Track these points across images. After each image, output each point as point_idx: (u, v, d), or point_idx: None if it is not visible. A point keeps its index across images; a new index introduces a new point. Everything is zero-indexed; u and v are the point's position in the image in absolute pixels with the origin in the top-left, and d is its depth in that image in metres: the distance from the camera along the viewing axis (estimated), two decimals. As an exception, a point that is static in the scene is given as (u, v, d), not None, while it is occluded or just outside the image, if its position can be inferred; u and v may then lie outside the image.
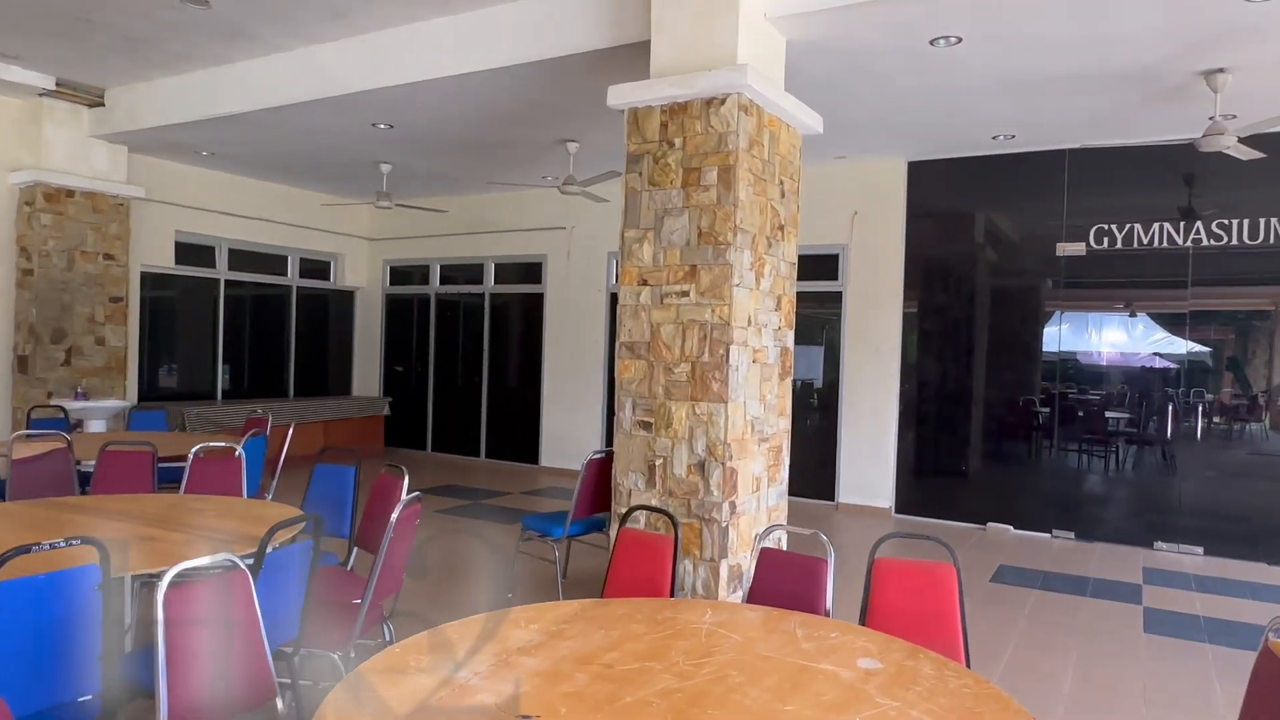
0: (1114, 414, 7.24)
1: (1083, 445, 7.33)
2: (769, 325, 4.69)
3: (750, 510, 4.55)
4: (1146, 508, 6.99)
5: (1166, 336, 6.95)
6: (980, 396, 7.67)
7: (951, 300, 7.98)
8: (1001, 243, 7.64)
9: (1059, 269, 7.21)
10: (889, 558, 2.73)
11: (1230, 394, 6.87)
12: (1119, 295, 7.32)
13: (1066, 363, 7.41)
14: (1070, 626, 4.78)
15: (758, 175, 4.47)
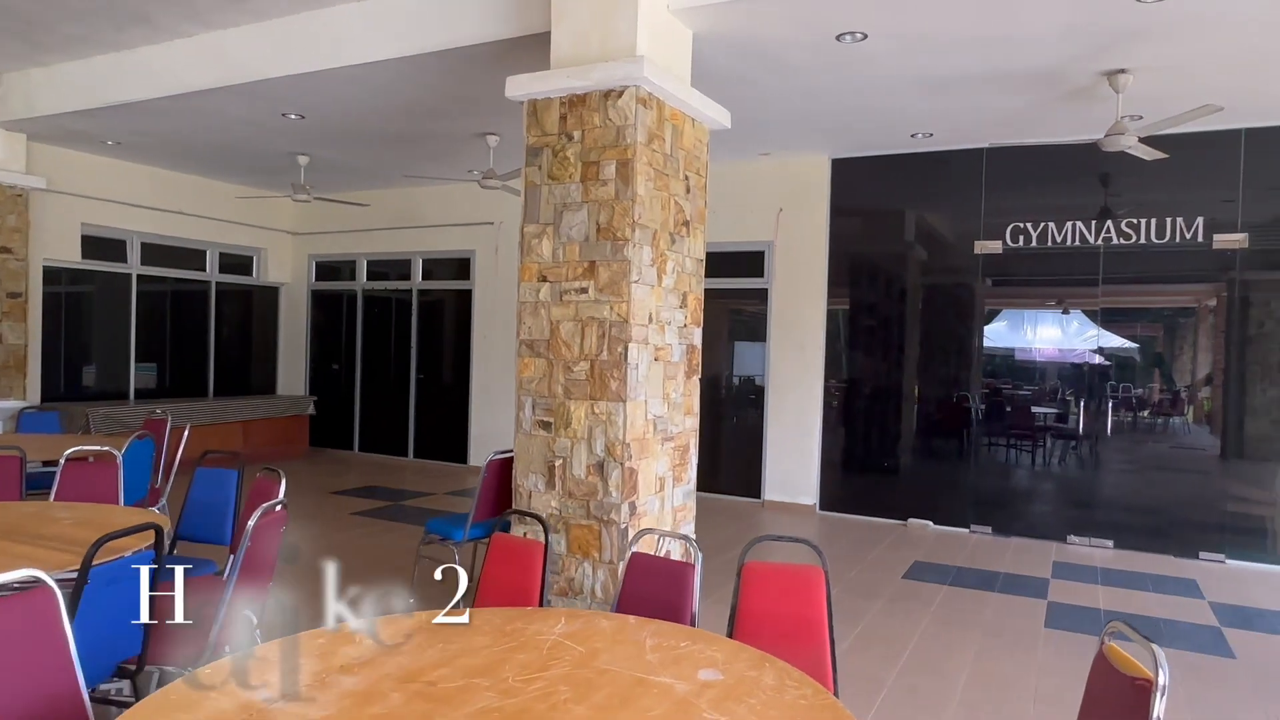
0: (1040, 410, 7.34)
1: (1009, 441, 7.42)
2: (673, 323, 4.61)
3: (653, 511, 4.47)
4: (1063, 502, 7.10)
5: (1095, 333, 7.05)
6: (905, 393, 7.72)
7: (875, 297, 8.03)
8: (923, 240, 7.70)
9: (977, 267, 7.28)
10: (757, 561, 2.67)
11: (1153, 389, 7.02)
12: (1035, 293, 7.42)
13: (993, 360, 7.49)
14: (974, 623, 4.81)
15: (659, 170, 4.39)
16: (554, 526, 4.34)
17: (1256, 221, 6.41)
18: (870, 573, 5.84)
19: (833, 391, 8.00)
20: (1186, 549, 6.54)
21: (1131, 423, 7.05)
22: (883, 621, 4.79)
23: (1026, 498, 7.28)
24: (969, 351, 7.45)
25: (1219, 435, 6.69)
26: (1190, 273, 6.79)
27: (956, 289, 7.48)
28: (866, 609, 4.99)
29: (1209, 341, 6.82)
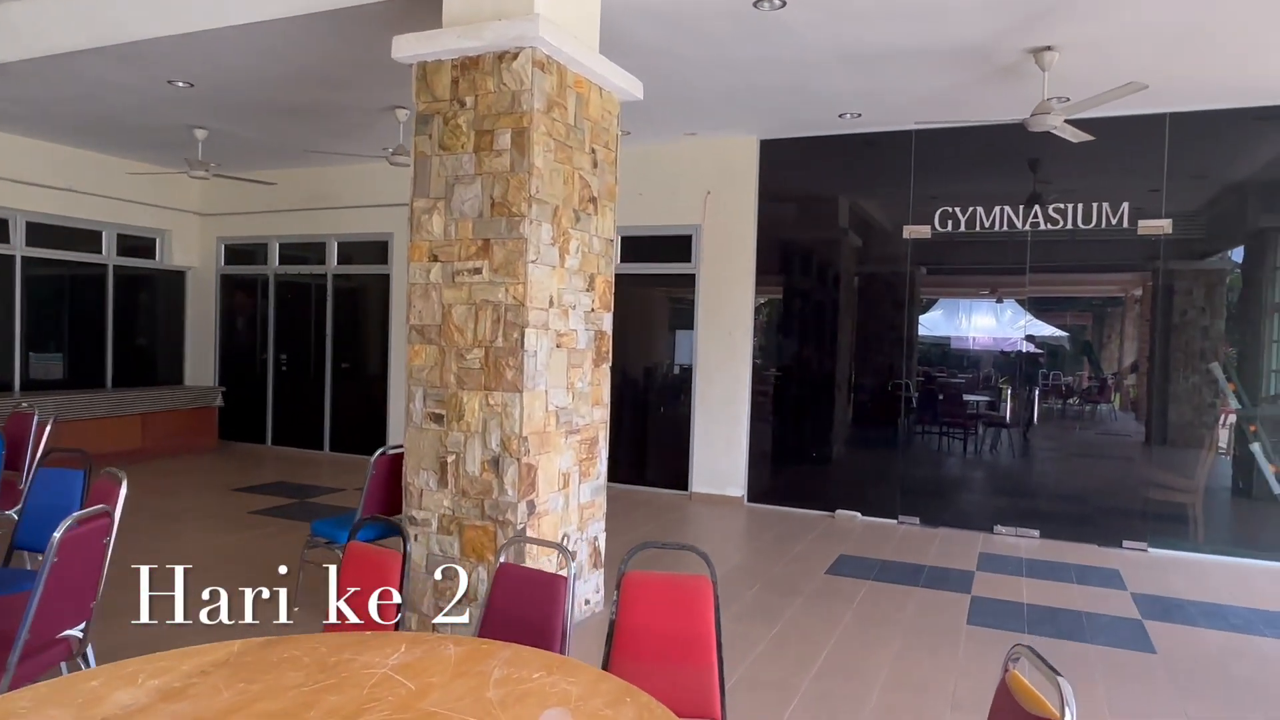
0: (972, 398, 7.22)
1: (941, 430, 7.30)
2: (578, 307, 4.29)
3: (555, 509, 4.16)
4: (991, 491, 7.00)
5: (1025, 321, 6.94)
6: (836, 382, 7.54)
7: (805, 283, 7.83)
8: (853, 224, 7.51)
9: (907, 253, 7.11)
10: (640, 571, 2.38)
11: (1081, 377, 6.95)
12: (963, 281, 7.30)
13: (925, 348, 7.35)
14: (896, 620, 4.61)
15: (561, 141, 4.05)
16: (446, 528, 4.00)
17: (1180, 208, 6.35)
18: (794, 567, 5.62)
19: (762, 380, 7.78)
20: (1110, 538, 6.48)
21: (1061, 410, 6.99)
22: (801, 621, 4.56)
23: (955, 487, 7.18)
24: (899, 340, 7.28)
25: (1144, 422, 6.66)
26: (1116, 261, 6.73)
27: (886, 275, 7.31)
28: (785, 608, 4.76)
29: (1135, 330, 6.78)
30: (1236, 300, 6.46)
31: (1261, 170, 6.24)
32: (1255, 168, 6.26)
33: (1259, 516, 6.28)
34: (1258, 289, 6.42)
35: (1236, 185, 6.34)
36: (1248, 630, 4.61)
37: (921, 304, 7.27)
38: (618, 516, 6.99)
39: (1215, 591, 5.33)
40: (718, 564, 5.71)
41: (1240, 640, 4.45)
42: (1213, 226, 6.49)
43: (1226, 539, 6.26)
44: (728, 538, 6.56)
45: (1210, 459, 6.39)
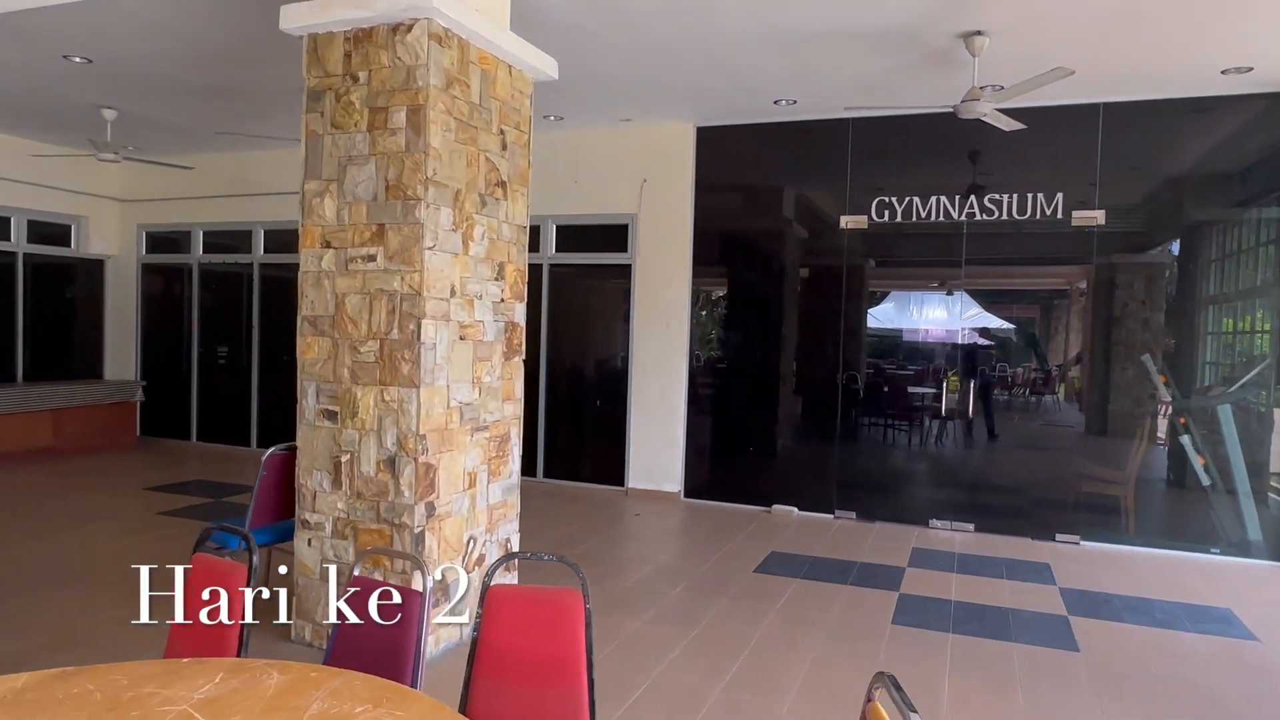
0: (913, 391, 7.12)
1: (879, 423, 7.20)
2: (485, 297, 4.07)
3: (460, 511, 3.94)
4: (929, 485, 6.93)
5: (974, 313, 6.87)
6: (773, 375, 7.40)
7: (745, 274, 7.67)
8: (790, 214, 7.36)
9: (843, 244, 6.99)
10: (505, 585, 2.17)
11: (1028, 369, 6.90)
12: (902, 273, 7.21)
13: (865, 340, 7.24)
14: (819, 621, 4.48)
15: (463, 120, 3.82)
16: (341, 532, 3.76)
17: (1118, 200, 6.32)
18: (723, 566, 5.47)
19: (701, 374, 7.62)
20: (1044, 531, 6.44)
21: (1006, 402, 6.92)
22: (723, 623, 4.40)
23: (893, 481, 7.09)
24: (837, 332, 7.16)
25: (1084, 414, 6.63)
26: (1053, 254, 6.69)
27: (824, 267, 7.18)
28: (707, 609, 4.60)
29: (1080, 322, 6.73)
30: (1174, 293, 6.45)
31: (1196, 163, 6.23)
32: (1189, 160, 6.24)
33: (1189, 508, 6.29)
34: (1192, 282, 6.41)
35: (1173, 178, 6.32)
36: (1171, 625, 4.56)
37: (864, 296, 7.15)
38: (549, 514, 6.80)
39: (1143, 585, 5.29)
40: (647, 561, 5.58)
41: (1163, 637, 4.39)
42: (1151, 219, 6.47)
43: (1157, 531, 6.25)
44: (659, 535, 6.39)
45: (1141, 451, 6.37)
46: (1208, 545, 6.10)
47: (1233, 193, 6.23)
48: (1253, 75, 5.59)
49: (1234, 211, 6.26)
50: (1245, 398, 6.17)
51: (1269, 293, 6.07)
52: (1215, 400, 6.22)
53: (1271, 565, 5.87)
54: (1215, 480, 6.18)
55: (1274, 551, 5.94)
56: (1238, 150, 6.10)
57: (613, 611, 4.49)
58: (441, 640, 3.83)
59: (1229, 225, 6.34)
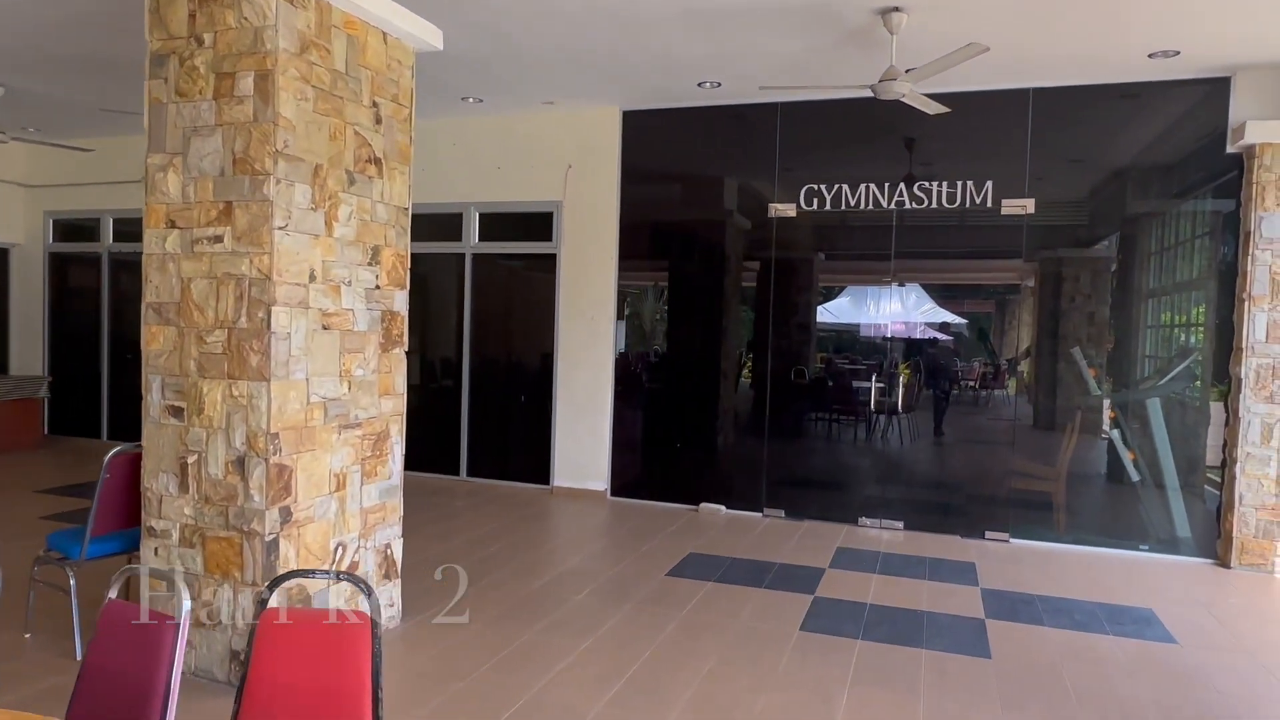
0: (860, 385, 6.88)
1: (822, 417, 6.97)
2: (355, 283, 3.75)
3: (326, 516, 3.62)
4: (861, 482, 6.71)
5: (918, 306, 6.68)
6: (701, 368, 7.14)
7: (674, 265, 7.40)
8: (721, 202, 7.10)
9: (772, 233, 6.75)
10: (281, 607, 1.87)
11: (978, 364, 6.70)
12: (833, 265, 6.99)
13: (800, 333, 7.01)
14: (724, 628, 4.23)
15: (325, 90, 3.49)
16: (189, 540, 3.43)
17: (1054, 190, 6.16)
18: (635, 568, 5.21)
19: (629, 368, 7.35)
20: (973, 528, 6.27)
21: (955, 398, 6.72)
22: (621, 631, 4.14)
23: (826, 478, 6.88)
24: (769, 324, 6.92)
25: (1031, 408, 6.46)
26: (986, 244, 6.50)
27: (754, 256, 6.93)
28: (609, 616, 4.33)
29: (1029, 317, 6.55)
30: (1115, 286, 6.30)
31: (1135, 155, 6.07)
32: (1127, 151, 6.07)
33: (1120, 505, 6.15)
34: (1130, 275, 6.26)
35: (1114, 170, 6.15)
36: (1090, 628, 4.38)
37: (811, 289, 6.91)
38: (467, 514, 6.49)
39: (1067, 585, 5.13)
40: (557, 564, 5.30)
41: (1080, 640, 4.21)
42: (1093, 212, 6.32)
43: (1088, 528, 6.11)
44: (576, 536, 6.11)
45: (1072, 446, 6.22)
46: (1137, 542, 5.97)
47: (1170, 184, 6.09)
48: (1180, 60, 5.43)
49: (1172, 203, 6.13)
50: (1174, 391, 6.04)
51: (1204, 285, 5.94)
52: (1144, 394, 6.09)
53: (1199, 562, 5.74)
54: (1145, 476, 6.04)
55: (1202, 548, 5.81)
56: (1173, 141, 5.95)
57: (504, 621, 4.20)
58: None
59: (1167, 217, 6.21)
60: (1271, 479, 5.49)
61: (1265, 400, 5.50)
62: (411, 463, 7.85)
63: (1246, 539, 5.54)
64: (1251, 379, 5.53)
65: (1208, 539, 5.81)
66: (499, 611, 4.34)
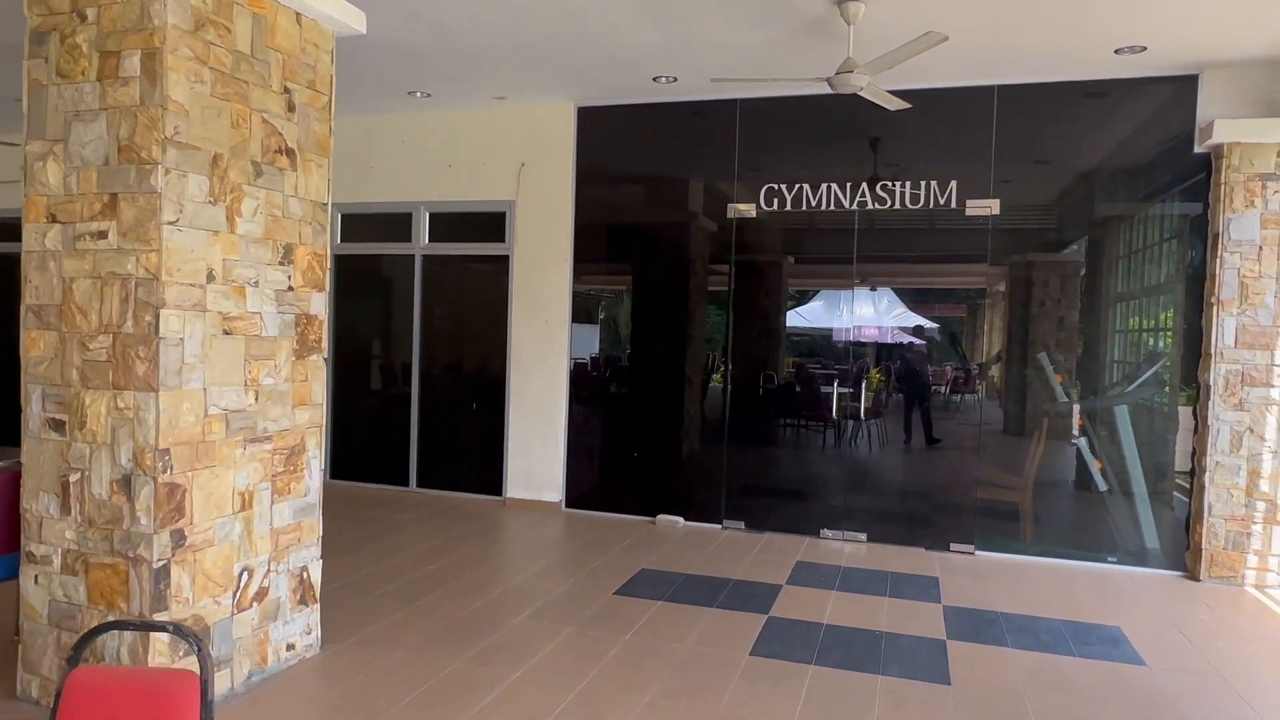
0: (828, 391, 6.63)
1: (788, 424, 6.73)
2: (264, 283, 3.45)
3: (227, 538, 3.31)
4: (827, 491, 6.46)
5: (902, 311, 6.46)
6: (670, 374, 6.88)
7: (637, 267, 7.14)
8: (681, 201, 6.85)
9: (731, 234, 6.51)
10: (92, 668, 1.58)
11: (949, 369, 6.48)
12: (793, 265, 6.76)
13: (761, 338, 6.77)
14: (670, 653, 3.96)
15: (225, 73, 3.19)
16: (71, 567, 3.11)
17: (1024, 192, 5.98)
18: (583, 586, 4.93)
19: (589, 372, 7.08)
20: (938, 540, 6.06)
21: (921, 403, 6.50)
22: (557, 659, 3.85)
23: (787, 488, 6.63)
24: (729, 328, 6.67)
25: (1003, 413, 6.26)
26: (952, 246, 6.30)
27: (716, 258, 6.68)
28: (546, 642, 4.04)
29: (1001, 321, 6.35)
30: (1083, 290, 6.12)
31: (1103, 157, 5.89)
32: (1095, 154, 5.89)
33: (1088, 515, 5.97)
34: (1098, 279, 6.09)
35: (1082, 173, 5.96)
36: (1055, 648, 4.16)
37: (780, 292, 6.68)
38: (412, 529, 6.18)
39: (1033, 601, 4.91)
40: (499, 582, 4.99)
41: (1045, 663, 3.98)
42: (1062, 215, 6.15)
43: (1055, 539, 5.92)
44: (524, 551, 5.82)
45: (1039, 454, 6.03)
46: (1105, 554, 5.78)
47: (1138, 186, 5.92)
48: (1148, 56, 5.26)
49: (1140, 206, 5.96)
50: (1142, 397, 5.87)
51: (1173, 290, 5.78)
52: (1112, 400, 5.90)
53: (1168, 575, 5.56)
54: (1113, 485, 5.86)
55: (1171, 561, 5.63)
56: (1142, 141, 5.78)
57: (432, 647, 3.91)
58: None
59: (1135, 220, 6.04)
60: (1241, 489, 5.33)
61: (1234, 408, 5.33)
62: (358, 474, 7.60)
63: (1216, 551, 5.36)
64: (1220, 385, 5.36)
65: (1177, 551, 5.63)
66: (428, 637, 4.04)
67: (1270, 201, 5.26)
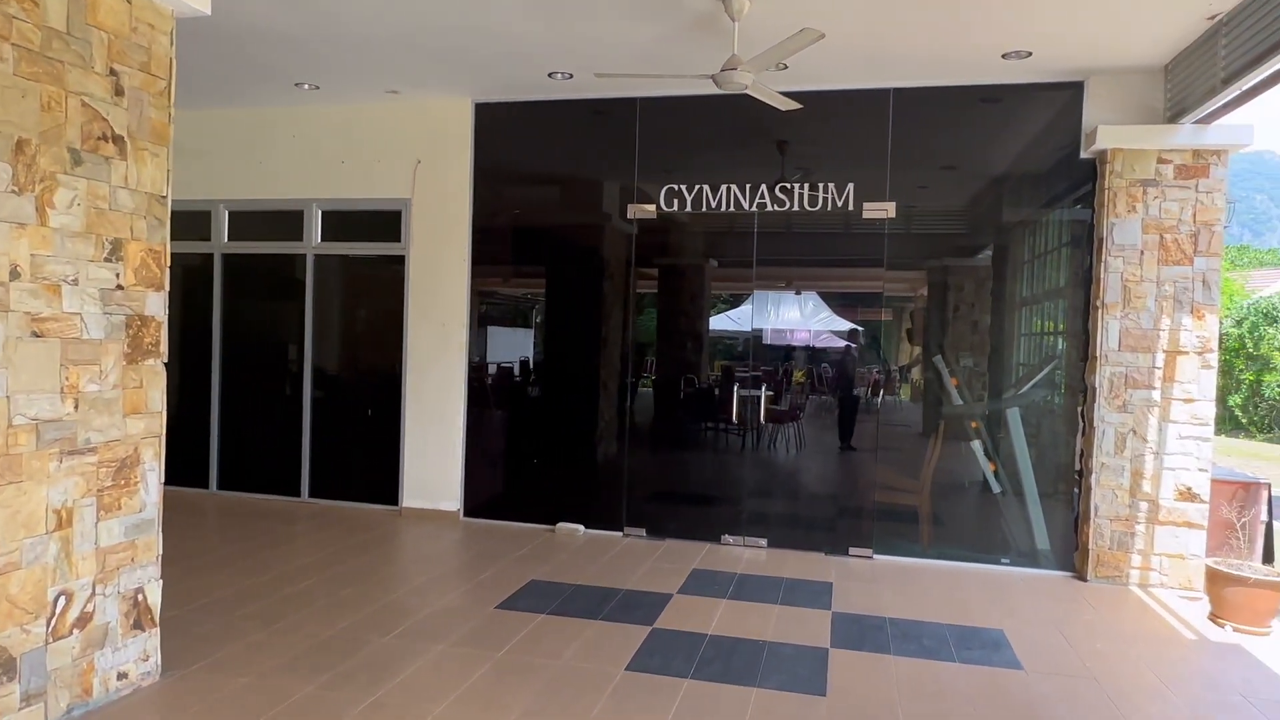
0: (745, 394, 6.50)
1: (710, 427, 6.61)
2: (86, 282, 3.17)
3: (43, 560, 3.02)
4: (729, 496, 6.36)
5: (827, 315, 6.39)
6: (583, 378, 6.71)
7: (544, 268, 6.96)
8: (591, 202, 6.70)
9: (632, 236, 6.39)
10: None
11: (867, 371, 6.42)
12: (687, 264, 6.67)
13: (662, 340, 6.66)
14: (542, 670, 3.79)
15: (31, 50, 2.92)
16: None
17: (927, 195, 5.99)
18: (464, 600, 4.72)
19: (483, 378, 6.87)
20: (838, 545, 6.02)
21: (847, 405, 6.43)
22: (418, 680, 3.64)
23: (692, 493, 6.53)
24: (630, 332, 6.53)
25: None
26: (849, 249, 6.28)
27: (627, 260, 6.54)
28: (411, 662, 3.83)
29: (923, 325, 6.34)
30: (992, 295, 6.15)
31: (1008, 163, 5.93)
32: (1000, 160, 5.94)
33: (984, 518, 6.00)
34: (1004, 284, 6.12)
35: (992, 179, 6.00)
36: (937, 654, 4.12)
37: (702, 294, 6.57)
38: (295, 541, 5.89)
39: (922, 605, 4.89)
40: (374, 599, 4.72)
41: (924, 670, 3.93)
42: (975, 222, 6.18)
43: (952, 542, 5.93)
44: (410, 564, 5.57)
45: (935, 457, 6.04)
46: (999, 556, 5.82)
47: (1039, 193, 5.99)
48: (1035, 62, 5.31)
49: (1041, 212, 6.03)
50: (1034, 399, 5.93)
51: (1069, 294, 5.83)
52: (1005, 403, 5.95)
53: (1057, 576, 5.62)
54: (1006, 487, 5.90)
55: (1061, 561, 5.70)
56: (1039, 148, 5.83)
57: (285, 673, 3.66)
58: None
59: (1037, 226, 6.11)
60: (1125, 489, 5.40)
61: (1119, 409, 5.41)
62: (247, 484, 7.22)
63: (1102, 551, 5.43)
64: (1106, 388, 5.43)
65: (1067, 551, 5.69)
66: (283, 661, 3.79)
67: (1150, 207, 5.35)
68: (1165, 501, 5.34)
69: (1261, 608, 4.71)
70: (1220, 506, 5.34)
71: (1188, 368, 5.32)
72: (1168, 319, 5.34)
